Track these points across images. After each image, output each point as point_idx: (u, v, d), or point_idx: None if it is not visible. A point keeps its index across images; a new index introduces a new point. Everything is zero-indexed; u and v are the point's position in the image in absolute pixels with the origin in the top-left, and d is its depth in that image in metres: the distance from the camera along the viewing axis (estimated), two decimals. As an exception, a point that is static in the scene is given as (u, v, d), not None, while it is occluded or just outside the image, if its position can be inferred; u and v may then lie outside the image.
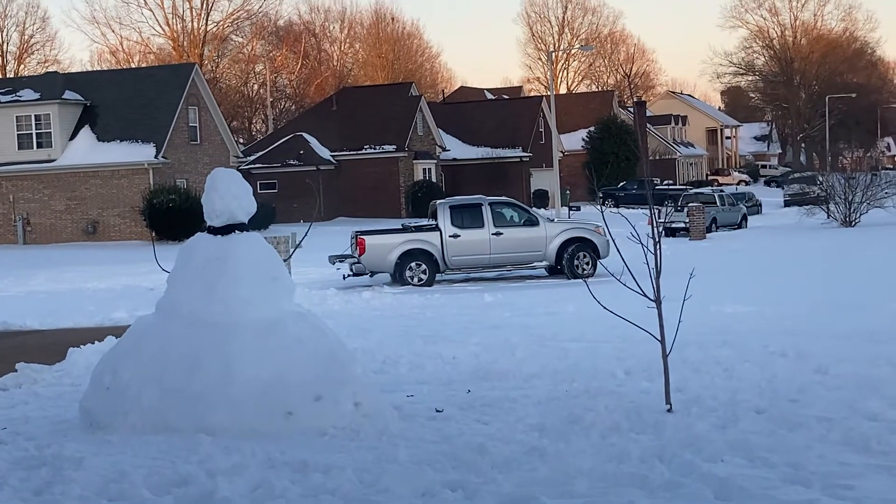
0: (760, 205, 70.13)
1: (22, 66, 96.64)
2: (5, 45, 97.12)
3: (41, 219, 53.03)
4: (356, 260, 29.29)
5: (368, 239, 29.40)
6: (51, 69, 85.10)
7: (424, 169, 70.84)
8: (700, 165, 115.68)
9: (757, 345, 15.00)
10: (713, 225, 51.76)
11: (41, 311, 23.94)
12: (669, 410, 10.64)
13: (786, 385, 11.99)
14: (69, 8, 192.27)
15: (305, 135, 69.70)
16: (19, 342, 19.34)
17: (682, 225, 47.77)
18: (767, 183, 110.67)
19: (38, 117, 52.80)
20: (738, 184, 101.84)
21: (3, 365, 15.07)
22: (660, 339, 10.81)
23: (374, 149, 68.80)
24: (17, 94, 53.79)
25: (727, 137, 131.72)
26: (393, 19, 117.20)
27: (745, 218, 56.68)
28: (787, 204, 72.14)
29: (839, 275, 26.73)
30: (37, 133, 52.82)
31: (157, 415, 10.16)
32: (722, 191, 63.67)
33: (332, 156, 68.61)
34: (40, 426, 11.14)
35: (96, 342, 15.82)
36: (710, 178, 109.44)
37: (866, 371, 12.71)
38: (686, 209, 48.23)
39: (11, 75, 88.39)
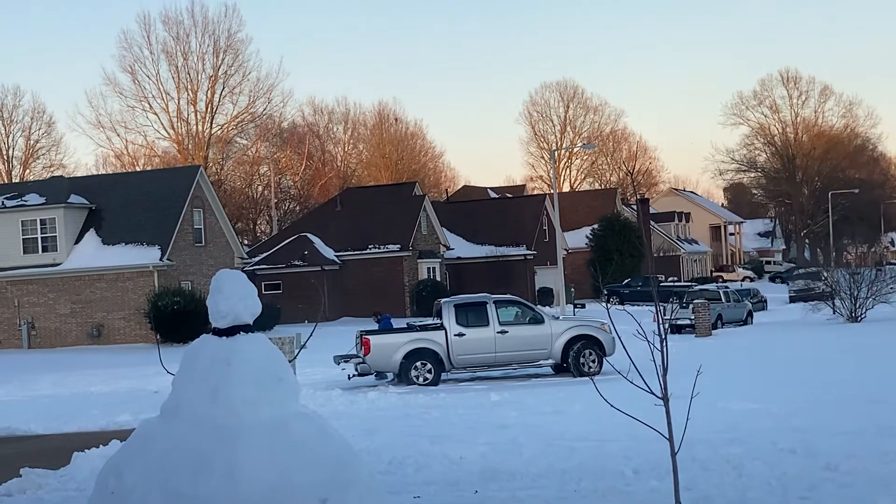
0: (766, 301, 70.11)
1: (27, 170, 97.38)
2: (11, 150, 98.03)
3: (46, 322, 53.03)
4: (361, 360, 29.22)
5: (373, 339, 29.37)
6: (56, 173, 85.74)
7: (429, 268, 70.97)
8: (704, 262, 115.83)
9: (765, 442, 14.89)
10: (719, 321, 51.69)
11: (46, 416, 23.85)
12: (679, 510, 10.51)
13: (796, 482, 11.88)
14: (74, 113, 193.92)
15: (310, 235, 69.99)
16: (24, 447, 19.23)
17: (688, 322, 47.69)
18: (772, 279, 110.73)
19: (43, 221, 53.07)
20: (742, 280, 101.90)
21: (8, 470, 14.97)
22: (668, 437, 10.72)
23: (379, 248, 69.01)
24: (23, 198, 54.11)
25: (731, 234, 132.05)
26: (396, 120, 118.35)
27: (750, 314, 56.65)
28: (792, 300, 72.19)
29: (846, 370, 26.62)
30: (42, 237, 53.05)
31: (162, 519, 10.04)
32: (727, 287, 63.73)
33: (336, 256, 68.80)
34: (44, 532, 11.03)
35: (101, 446, 15.72)
36: (714, 274, 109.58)
37: (877, 468, 12.60)
38: (691, 306, 48.20)
39: (17, 180, 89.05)
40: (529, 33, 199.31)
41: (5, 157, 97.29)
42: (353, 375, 29.67)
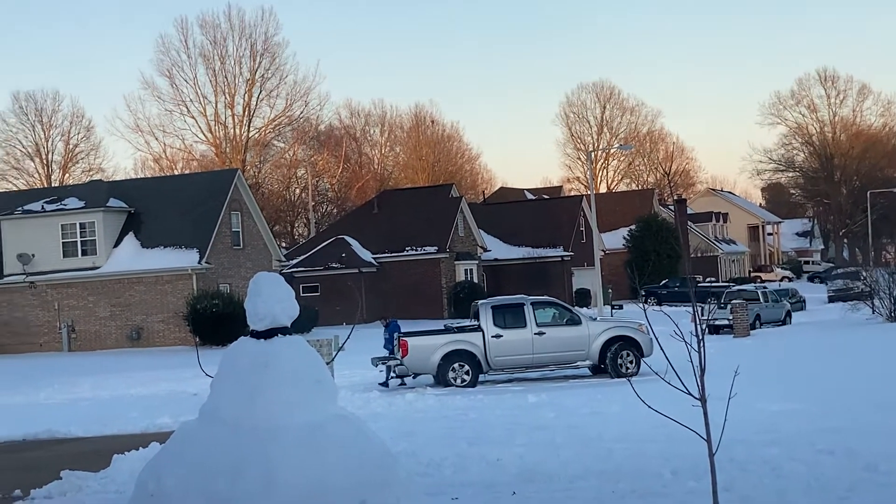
0: (804, 301, 69.67)
1: (67, 174, 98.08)
2: (51, 154, 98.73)
3: (86, 325, 53.38)
4: (399, 362, 29.28)
5: (411, 341, 29.42)
6: (95, 177, 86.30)
7: (466, 269, 70.97)
8: (742, 262, 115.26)
9: (804, 443, 14.82)
10: (757, 322, 51.44)
11: (86, 418, 24.03)
12: (717, 511, 10.48)
13: (835, 483, 11.83)
14: (113, 117, 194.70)
15: (347, 238, 70.14)
16: (64, 449, 19.39)
17: (726, 322, 47.48)
18: (811, 279, 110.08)
19: (82, 225, 53.41)
20: (781, 280, 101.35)
21: (49, 473, 15.10)
22: (706, 438, 10.70)
23: (416, 250, 69.05)
24: (63, 202, 54.50)
25: (769, 234, 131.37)
26: (433, 122, 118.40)
27: (789, 314, 56.32)
28: (831, 300, 71.70)
29: (885, 370, 26.44)
30: (82, 241, 53.39)
31: (201, 521, 10.10)
32: (765, 287, 63.33)
33: (373, 258, 68.91)
34: (85, 534, 11.12)
35: (141, 448, 15.83)
36: (752, 274, 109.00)
37: (917, 468, 12.52)
38: (729, 306, 47.98)
39: (56, 184, 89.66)
40: (565, 34, 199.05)
41: (45, 161, 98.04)
42: (391, 377, 29.78)
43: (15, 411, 28.19)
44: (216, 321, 47.73)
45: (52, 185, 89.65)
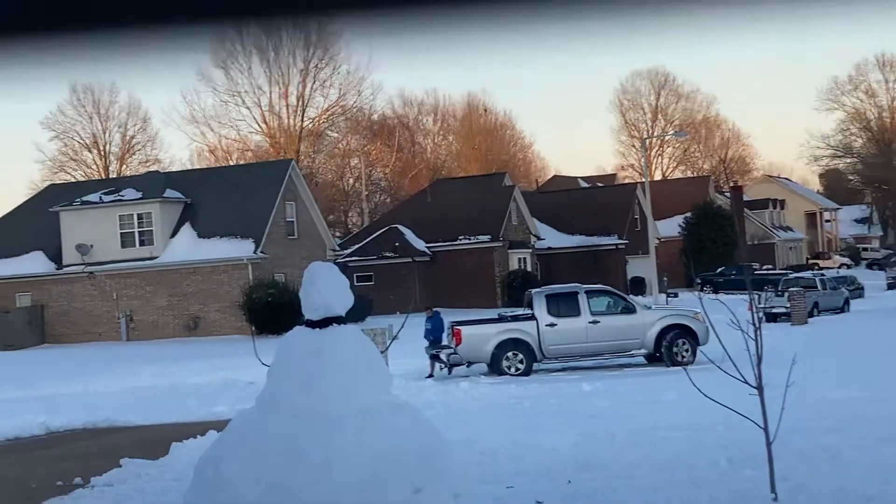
0: (863, 288, 68.92)
1: (124, 166, 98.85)
2: (108, 145, 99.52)
3: (144, 315, 53.85)
4: (453, 350, 29.31)
5: (465, 329, 29.44)
6: (152, 168, 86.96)
7: (519, 258, 70.85)
8: (799, 249, 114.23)
9: (863, 431, 14.69)
10: (815, 309, 50.96)
11: (144, 407, 24.28)
12: (775, 500, 10.43)
13: (895, 472, 11.71)
14: (169, 109, 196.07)
15: (400, 227, 70.22)
16: (123, 438, 19.60)
17: (783, 310, 47.09)
18: (869, 266, 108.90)
19: (140, 216, 53.87)
20: (839, 267, 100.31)
21: (109, 461, 15.27)
22: (763, 426, 10.63)
23: (469, 239, 68.99)
24: (120, 193, 55.01)
25: (827, 220, 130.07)
26: (486, 111, 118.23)
27: (847, 302, 55.73)
28: (890, 287, 70.98)
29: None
30: (139, 231, 53.86)
31: (259, 508, 10.16)
32: (823, 275, 62.75)
33: (427, 247, 68.94)
34: (144, 521, 11.23)
35: (198, 437, 15.95)
36: (810, 262, 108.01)
37: (979, 457, 12.37)
38: (787, 294, 47.59)
39: (114, 175, 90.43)
40: (619, 20, 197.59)
41: (102, 152, 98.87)
42: (445, 366, 29.79)
43: (75, 400, 28.53)
44: (271, 310, 48.00)
45: (110, 176, 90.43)
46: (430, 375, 29.61)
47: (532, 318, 29.54)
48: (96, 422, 22.22)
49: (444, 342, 30.43)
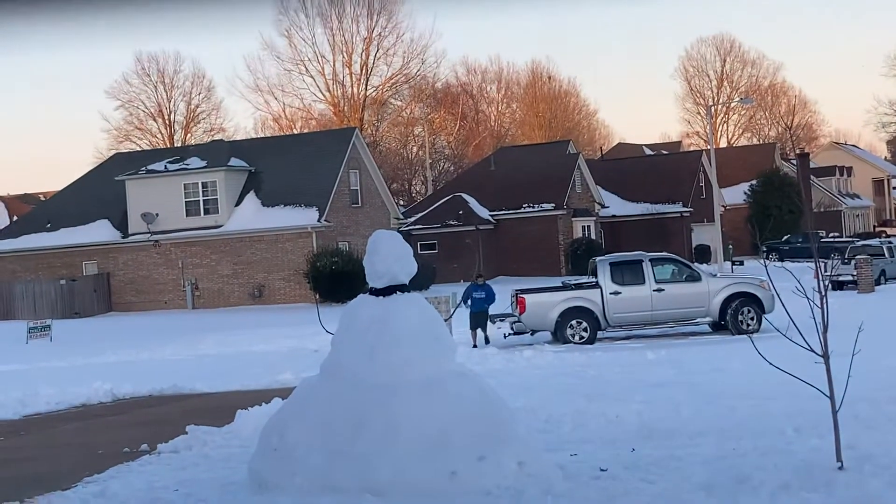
0: (931, 256, 67.92)
1: (189, 134, 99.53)
2: (173, 114, 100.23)
3: (209, 283, 54.29)
4: (517, 319, 29.30)
5: (529, 297, 29.40)
6: (216, 137, 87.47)
7: (583, 226, 70.60)
8: (867, 217, 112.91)
9: (932, 400, 14.51)
10: (882, 277, 50.34)
11: (210, 374, 24.50)
12: (841, 468, 10.34)
13: (963, 441, 11.57)
14: (233, 77, 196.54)
15: (464, 195, 70.17)
16: (189, 405, 19.81)
17: (850, 278, 46.58)
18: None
19: (205, 185, 54.21)
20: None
21: (174, 427, 15.44)
22: (829, 395, 10.54)
23: (533, 207, 68.82)
24: (185, 162, 55.37)
25: (895, 188, 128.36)
26: (549, 78, 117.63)
27: (915, 269, 54.96)
28: (959, 254, 69.78)
29: None
30: (204, 200, 54.21)
31: (324, 476, 10.24)
32: (891, 242, 61.88)
33: (490, 215, 68.87)
34: (210, 488, 11.35)
35: (263, 404, 16.05)
36: (877, 229, 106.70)
37: None
38: (854, 261, 47.08)
39: (179, 144, 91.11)
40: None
41: (167, 121, 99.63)
42: (509, 334, 29.77)
43: (141, 367, 28.88)
44: (336, 279, 48.20)
45: (175, 145, 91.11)
46: (475, 346, 29.42)
47: (596, 286, 29.45)
48: (162, 389, 22.47)
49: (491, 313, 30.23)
